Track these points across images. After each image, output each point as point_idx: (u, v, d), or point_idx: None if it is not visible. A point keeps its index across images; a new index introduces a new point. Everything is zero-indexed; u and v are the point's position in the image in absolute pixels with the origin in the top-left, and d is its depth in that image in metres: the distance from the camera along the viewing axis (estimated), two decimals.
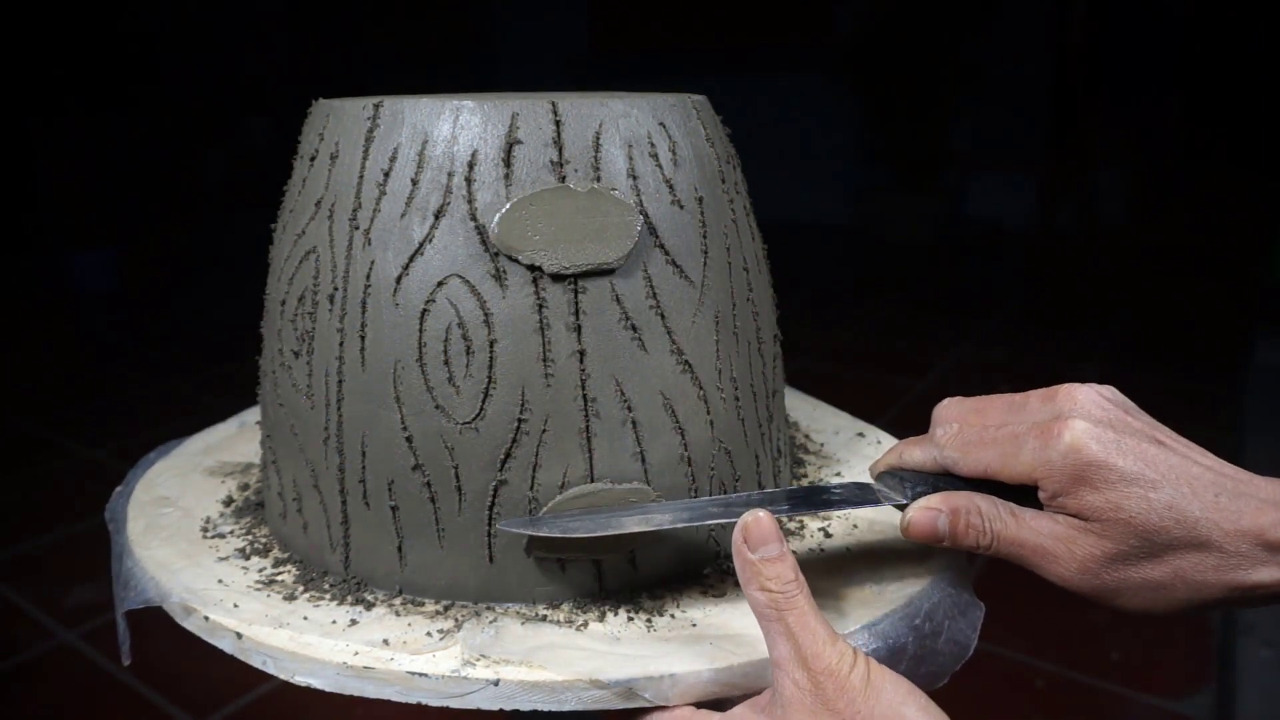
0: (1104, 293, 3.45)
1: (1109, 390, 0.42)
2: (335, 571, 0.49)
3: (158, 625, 0.50)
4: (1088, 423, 0.39)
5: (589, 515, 0.44)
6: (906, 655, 0.43)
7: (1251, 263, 3.33)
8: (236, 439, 0.68)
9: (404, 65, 4.90)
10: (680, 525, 0.43)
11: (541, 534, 0.44)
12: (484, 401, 0.44)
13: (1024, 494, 0.42)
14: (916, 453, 0.45)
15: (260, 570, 0.50)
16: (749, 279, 0.52)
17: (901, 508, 0.44)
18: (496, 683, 0.40)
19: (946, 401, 0.46)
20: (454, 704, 0.40)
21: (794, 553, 0.43)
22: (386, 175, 0.45)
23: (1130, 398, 0.42)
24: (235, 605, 0.46)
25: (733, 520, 0.39)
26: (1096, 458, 0.38)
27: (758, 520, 0.38)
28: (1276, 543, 0.37)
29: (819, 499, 0.46)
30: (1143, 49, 4.15)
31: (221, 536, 0.53)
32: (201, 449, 0.66)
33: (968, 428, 0.43)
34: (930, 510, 0.42)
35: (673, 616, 0.45)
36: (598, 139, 0.46)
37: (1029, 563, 0.41)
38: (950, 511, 0.42)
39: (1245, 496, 0.38)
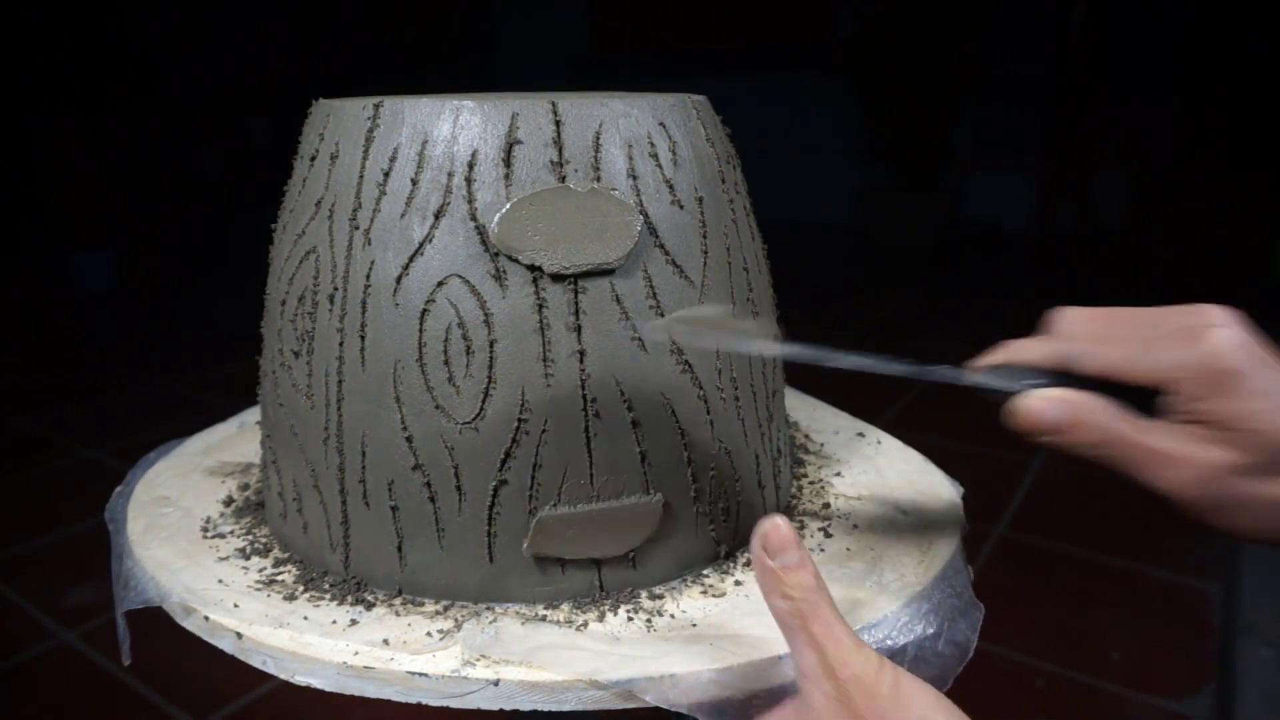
0: (1104, 293, 3.45)
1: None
2: (335, 571, 0.49)
3: (158, 625, 0.50)
4: (1235, 332, 0.39)
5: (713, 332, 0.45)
6: (906, 657, 0.43)
7: (1251, 263, 3.34)
8: (236, 439, 0.68)
9: (404, 65, 4.91)
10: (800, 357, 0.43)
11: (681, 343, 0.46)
12: (484, 401, 0.44)
13: (1143, 403, 0.40)
14: (1032, 347, 0.43)
15: (260, 570, 0.50)
16: (749, 279, 0.52)
17: (1003, 398, 0.42)
18: (496, 683, 0.40)
19: (1067, 309, 0.44)
20: (454, 704, 0.40)
21: None
22: (386, 175, 0.45)
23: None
24: (235, 605, 0.46)
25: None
26: (1240, 366, 0.38)
27: (776, 527, 0.37)
28: None
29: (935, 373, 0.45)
30: (1143, 49, 4.15)
31: (221, 536, 0.53)
32: (201, 449, 0.66)
33: (1096, 322, 0.42)
34: (1049, 400, 0.41)
35: (673, 616, 0.45)
36: (598, 139, 0.46)
37: (1141, 469, 0.40)
38: (1070, 403, 0.40)
39: None
